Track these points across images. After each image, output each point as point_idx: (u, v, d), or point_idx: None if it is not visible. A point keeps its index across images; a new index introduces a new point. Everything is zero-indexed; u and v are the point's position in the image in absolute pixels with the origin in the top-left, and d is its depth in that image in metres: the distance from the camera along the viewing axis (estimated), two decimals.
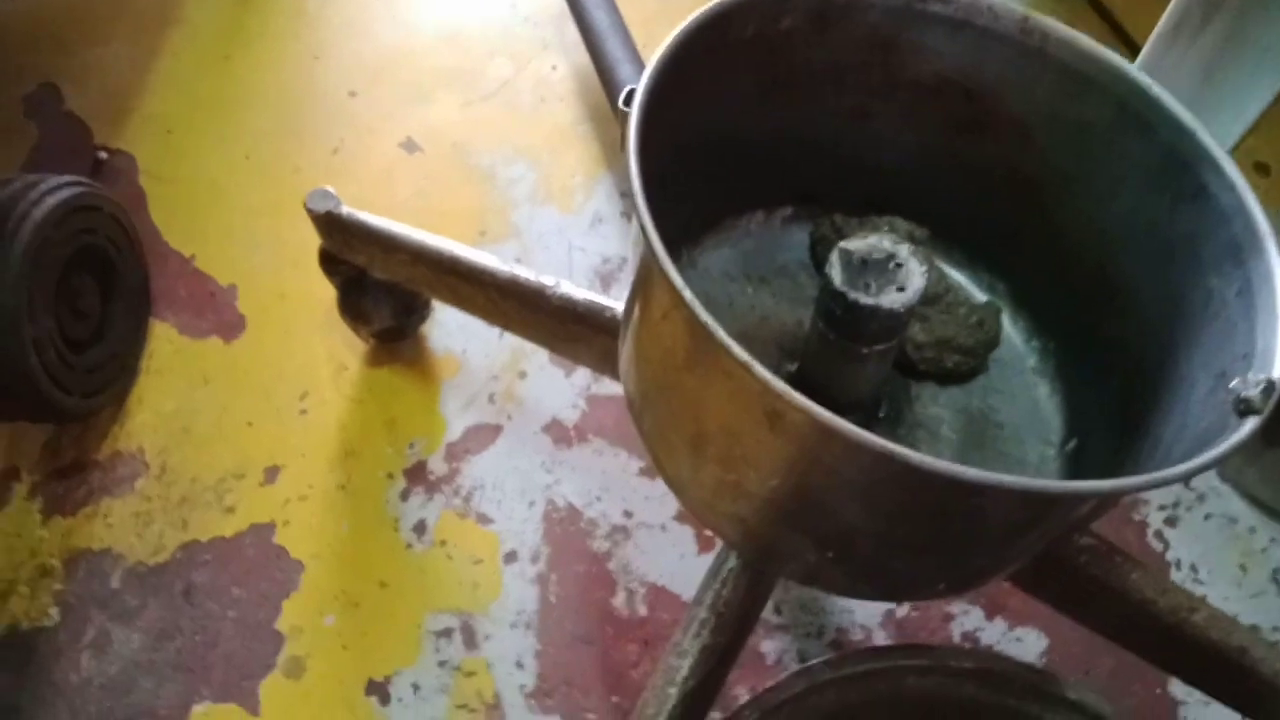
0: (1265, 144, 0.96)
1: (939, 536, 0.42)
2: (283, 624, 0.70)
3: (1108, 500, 0.41)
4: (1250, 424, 0.38)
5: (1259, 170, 0.95)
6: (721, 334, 0.37)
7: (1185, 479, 0.36)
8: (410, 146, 0.94)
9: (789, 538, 0.46)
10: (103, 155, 0.91)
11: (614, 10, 0.93)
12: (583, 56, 0.95)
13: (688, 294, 0.38)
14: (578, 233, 0.90)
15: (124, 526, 0.74)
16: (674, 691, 0.50)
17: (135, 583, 0.71)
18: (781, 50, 0.52)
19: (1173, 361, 0.47)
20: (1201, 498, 0.76)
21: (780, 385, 0.36)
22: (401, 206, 0.90)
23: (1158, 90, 0.47)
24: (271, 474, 0.76)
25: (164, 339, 0.82)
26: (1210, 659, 0.53)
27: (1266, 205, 0.92)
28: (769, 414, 0.39)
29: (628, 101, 0.44)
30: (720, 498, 0.47)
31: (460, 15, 1.04)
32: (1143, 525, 0.74)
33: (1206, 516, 0.75)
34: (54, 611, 0.70)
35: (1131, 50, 0.70)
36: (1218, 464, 0.37)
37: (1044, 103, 0.51)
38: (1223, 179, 0.45)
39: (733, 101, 0.54)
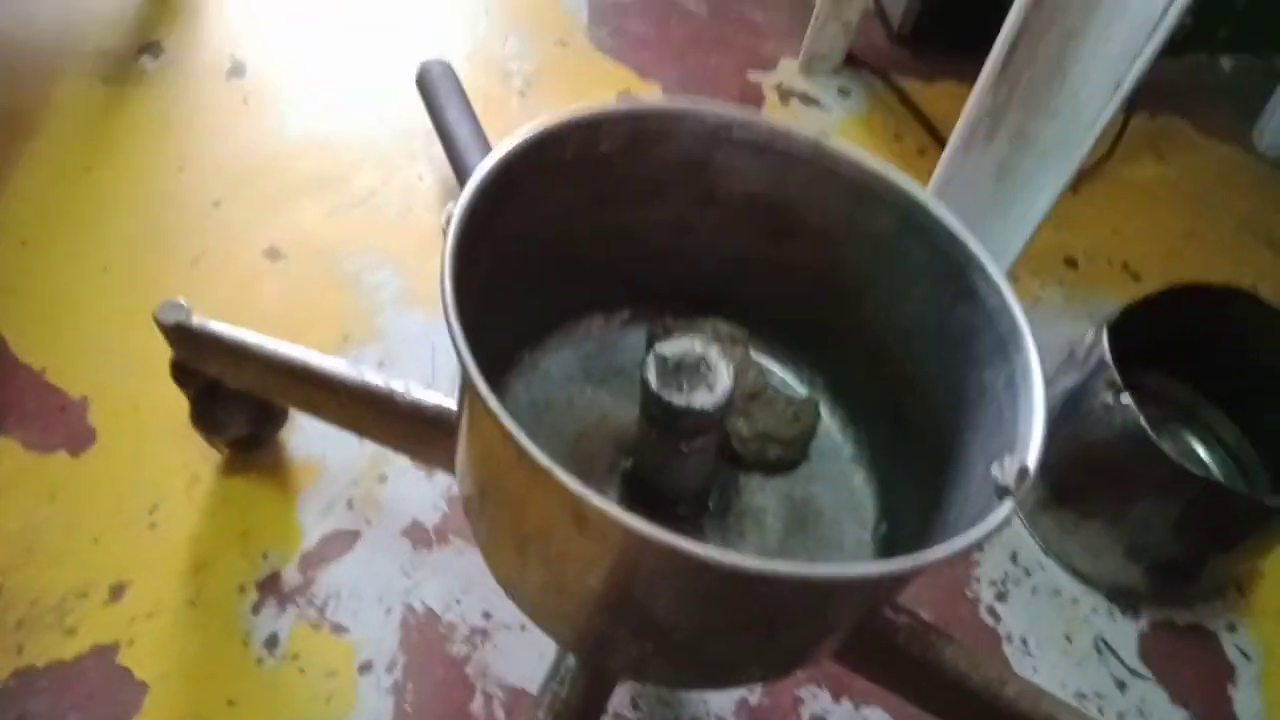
0: (1074, 238, 1.06)
1: (742, 622, 0.45)
2: None
3: (882, 583, 0.44)
4: (1006, 506, 0.42)
5: (1068, 264, 1.05)
6: (525, 441, 0.40)
7: (944, 561, 0.39)
8: (274, 254, 0.95)
9: (610, 631, 0.48)
10: None
11: (476, 125, 0.98)
12: (448, 167, 0.99)
13: (492, 401, 0.40)
14: (441, 335, 0.91)
15: None
16: None
17: None
18: (602, 169, 0.56)
19: (961, 448, 0.51)
20: (1028, 572, 0.81)
21: (579, 487, 0.39)
22: (263, 315, 0.90)
23: (933, 203, 0.53)
24: (117, 592, 0.74)
25: (7, 455, 0.80)
26: None
27: (1073, 296, 1.02)
28: (575, 516, 0.41)
29: (449, 222, 0.47)
30: (546, 597, 0.48)
31: (328, 125, 1.07)
32: (975, 602, 0.79)
33: (1034, 590, 0.80)
34: None
35: None
36: (977, 546, 0.40)
37: (840, 214, 0.57)
38: (989, 281, 0.50)
39: (562, 213, 0.58)
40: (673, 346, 0.50)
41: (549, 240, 0.58)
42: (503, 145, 0.50)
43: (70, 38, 1.11)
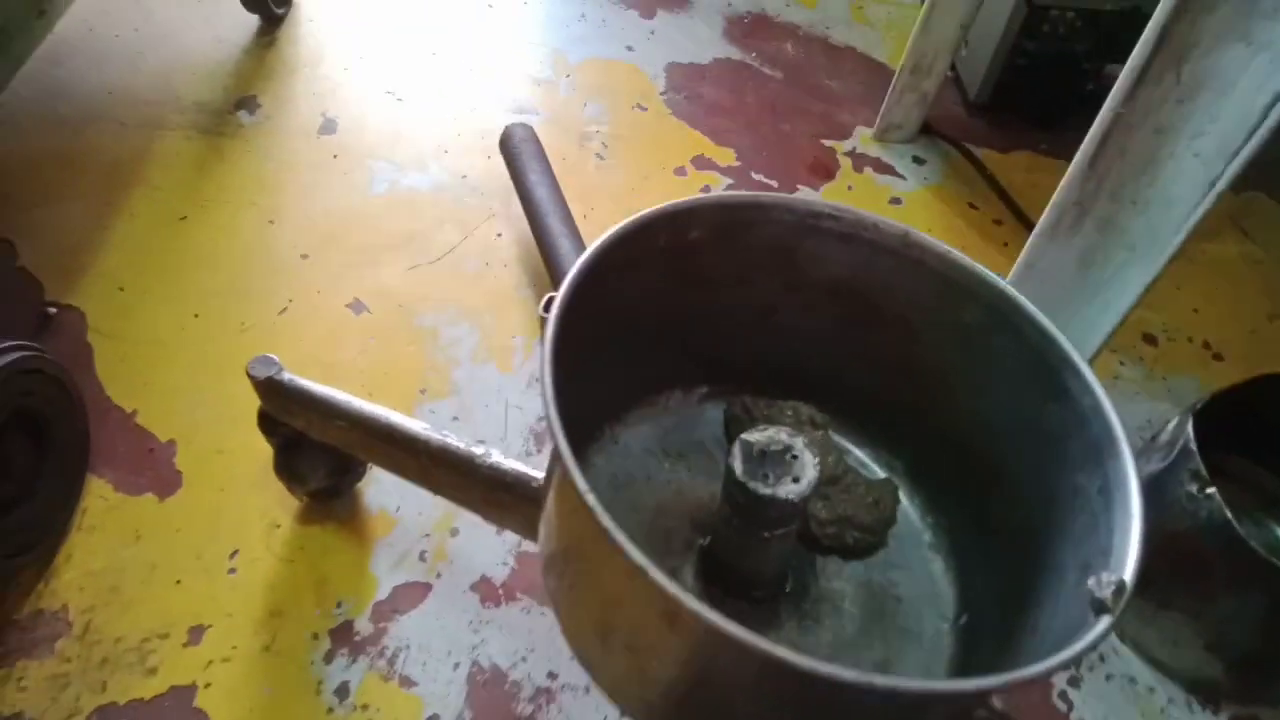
0: (1153, 315, 1.05)
1: None
2: None
3: (975, 696, 0.44)
4: (1104, 623, 0.41)
5: (1147, 340, 1.03)
6: (621, 537, 0.40)
7: (1043, 678, 0.39)
8: (357, 307, 0.98)
9: None
10: (51, 310, 0.94)
11: (554, 185, 1.00)
12: (526, 225, 1.01)
13: (591, 498, 0.41)
14: (515, 391, 0.93)
15: (39, 690, 0.72)
16: None
17: None
18: (691, 256, 0.57)
19: (1049, 548, 0.51)
20: (1103, 658, 0.79)
21: (674, 589, 0.39)
22: (346, 365, 0.93)
23: (1020, 298, 0.53)
24: (196, 634, 0.76)
25: (98, 495, 0.83)
26: None
27: (1153, 375, 1.00)
28: (666, 615, 0.41)
29: (547, 308, 0.49)
30: (628, 682, 0.49)
31: (412, 184, 1.10)
32: (1047, 686, 0.77)
33: (1108, 677, 0.78)
34: None
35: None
36: (1072, 663, 0.40)
37: (925, 304, 0.57)
38: (1082, 383, 0.50)
39: (650, 295, 0.59)
40: (759, 435, 0.50)
41: (635, 320, 0.60)
42: (600, 238, 0.52)
43: (173, 91, 1.16)
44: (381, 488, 0.85)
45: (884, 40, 1.37)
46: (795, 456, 0.50)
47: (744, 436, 0.50)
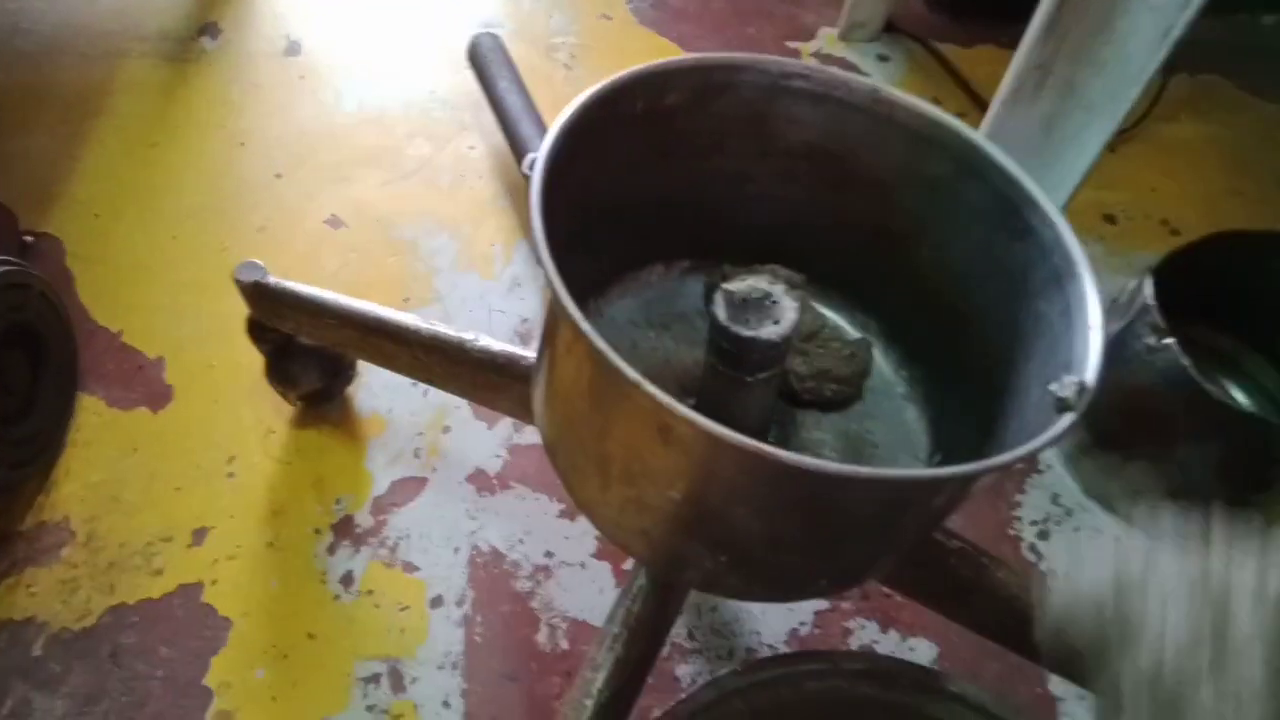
0: (1113, 196, 1.08)
1: (815, 530, 0.47)
2: (212, 680, 0.71)
3: (946, 486, 0.47)
4: (1067, 419, 0.44)
5: (1108, 220, 1.06)
6: (614, 357, 0.43)
7: (1009, 466, 0.42)
8: (335, 223, 0.99)
9: (688, 545, 0.51)
10: (29, 239, 0.94)
11: (525, 95, 1.01)
12: (499, 137, 1.02)
13: (585, 325, 0.43)
14: (497, 296, 0.95)
15: (49, 594, 0.74)
16: (589, 703, 0.54)
17: (59, 649, 0.72)
18: (668, 122, 0.58)
19: (1015, 377, 0.54)
20: (1070, 512, 0.83)
21: (666, 399, 0.42)
22: (328, 279, 0.94)
23: (988, 146, 0.55)
24: (199, 536, 0.78)
25: (91, 411, 0.84)
26: None
27: (1114, 252, 1.03)
28: (660, 428, 0.44)
29: (532, 167, 0.50)
30: (626, 514, 0.51)
31: (381, 100, 1.10)
32: (1017, 540, 0.81)
33: (1076, 530, 0.82)
34: None
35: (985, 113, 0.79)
36: (1038, 451, 0.43)
37: (897, 161, 0.59)
38: (1043, 218, 0.52)
39: (627, 167, 0.60)
40: (740, 284, 0.52)
41: (614, 192, 0.61)
42: (578, 98, 0.53)
43: (132, 20, 1.15)
44: (372, 391, 0.87)
45: None
46: (775, 302, 0.52)
47: (725, 285, 0.52)
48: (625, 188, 0.62)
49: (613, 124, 0.56)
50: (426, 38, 1.17)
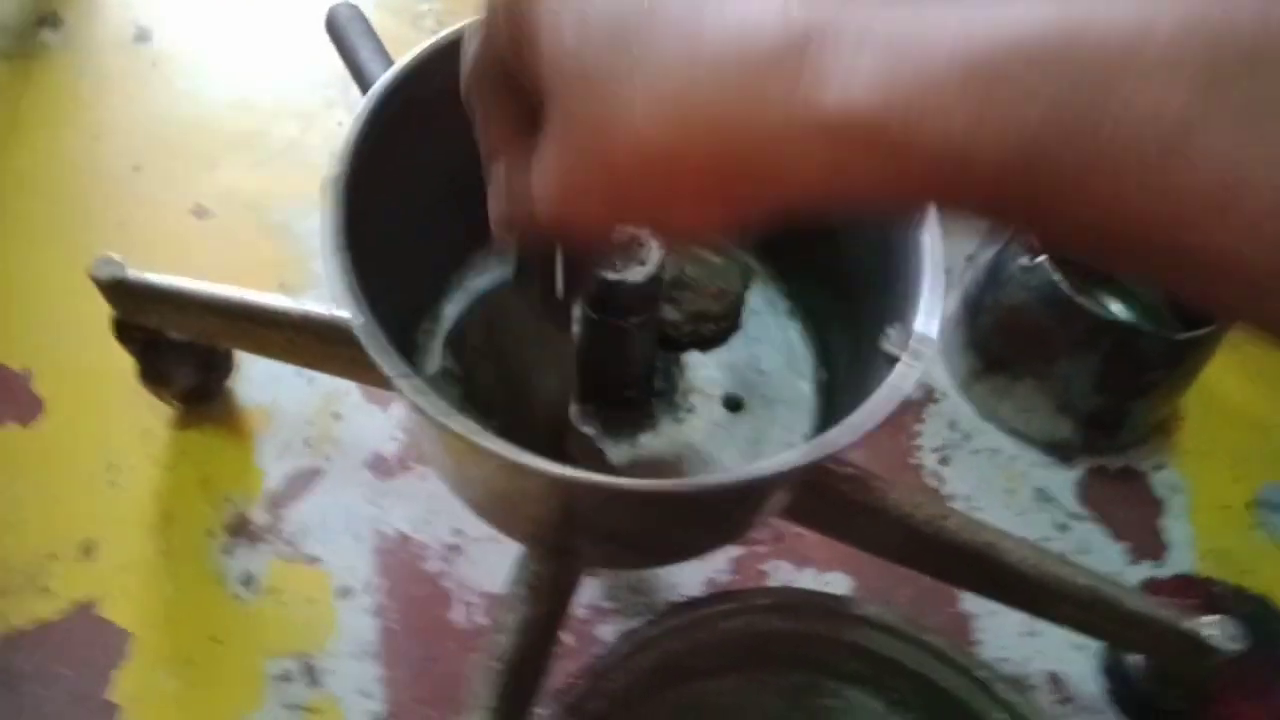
0: None
1: (682, 522, 0.48)
2: (115, 694, 0.68)
3: (789, 476, 0.46)
4: (900, 375, 0.43)
5: None
6: (441, 417, 0.41)
7: (848, 447, 0.42)
8: (201, 212, 0.95)
9: (576, 542, 0.51)
10: None
11: (389, 62, 0.97)
12: None
13: (404, 385, 0.42)
14: None
15: None
16: (499, 666, 0.54)
17: None
18: None
19: (876, 300, 0.54)
20: (968, 436, 0.85)
21: (511, 452, 0.40)
22: (197, 270, 0.88)
23: None
24: (88, 549, 0.75)
25: None
26: (965, 557, 0.60)
27: None
28: (510, 469, 0.42)
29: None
30: (509, 518, 0.52)
31: (241, 81, 1.06)
32: (919, 468, 0.83)
33: (974, 452, 0.84)
34: None
35: None
36: (881, 422, 0.42)
37: None
38: None
39: (456, 137, 0.57)
40: None
41: (451, 166, 0.58)
42: (372, 89, 0.51)
43: None
44: (254, 384, 0.84)
45: None
46: (641, 244, 0.51)
47: None
48: (460, 155, 0.58)
49: (424, 102, 0.53)
50: (284, 14, 1.13)
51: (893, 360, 0.44)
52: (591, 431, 0.58)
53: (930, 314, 0.46)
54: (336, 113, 1.04)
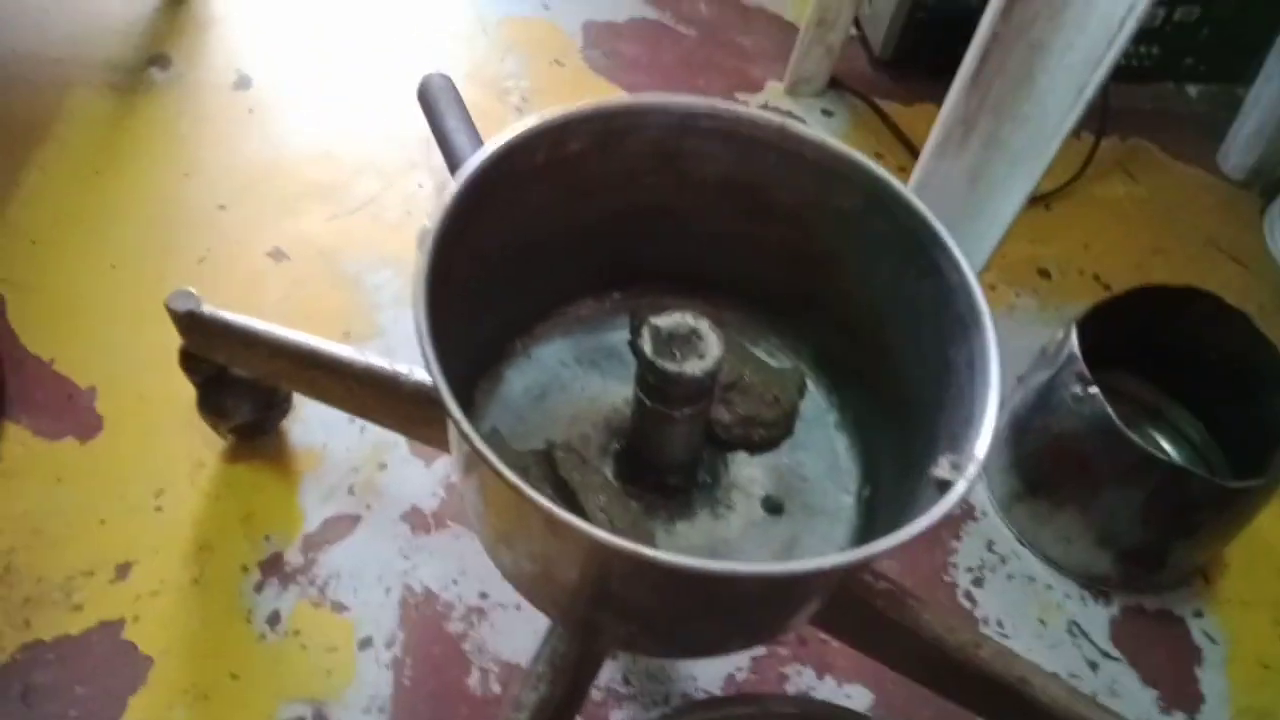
0: (1047, 251, 1.11)
1: (714, 608, 0.48)
2: None
3: (833, 574, 0.47)
4: (945, 501, 0.43)
5: (1042, 275, 1.09)
6: (494, 459, 0.42)
7: (893, 551, 0.41)
8: (277, 255, 0.98)
9: (601, 618, 0.51)
10: None
11: (474, 134, 1.02)
12: (447, 175, 1.02)
13: (464, 425, 0.43)
14: None
15: None
16: None
17: None
18: (574, 167, 0.58)
19: (929, 420, 0.54)
20: (1004, 560, 0.84)
21: (551, 508, 0.41)
22: (269, 310, 0.93)
23: (895, 183, 0.56)
24: (123, 570, 0.76)
25: (16, 441, 0.82)
26: (996, 689, 0.59)
27: (1046, 305, 1.06)
28: (549, 525, 0.43)
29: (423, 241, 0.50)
30: (537, 585, 0.52)
31: (330, 135, 1.11)
32: (952, 586, 0.82)
33: (1009, 577, 0.83)
34: None
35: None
36: (923, 535, 0.42)
37: (807, 195, 0.60)
38: (950, 259, 0.53)
39: (540, 210, 0.60)
40: (666, 319, 0.53)
41: (532, 237, 0.61)
42: (471, 160, 0.53)
43: (82, 49, 1.14)
44: (308, 426, 0.86)
45: (792, 1, 1.41)
46: (701, 337, 0.53)
47: (652, 320, 0.53)
48: (539, 228, 0.61)
49: (516, 177, 0.56)
50: (378, 76, 1.18)
51: (942, 485, 0.45)
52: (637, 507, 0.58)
53: (986, 440, 0.46)
54: (417, 174, 1.08)
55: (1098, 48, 0.63)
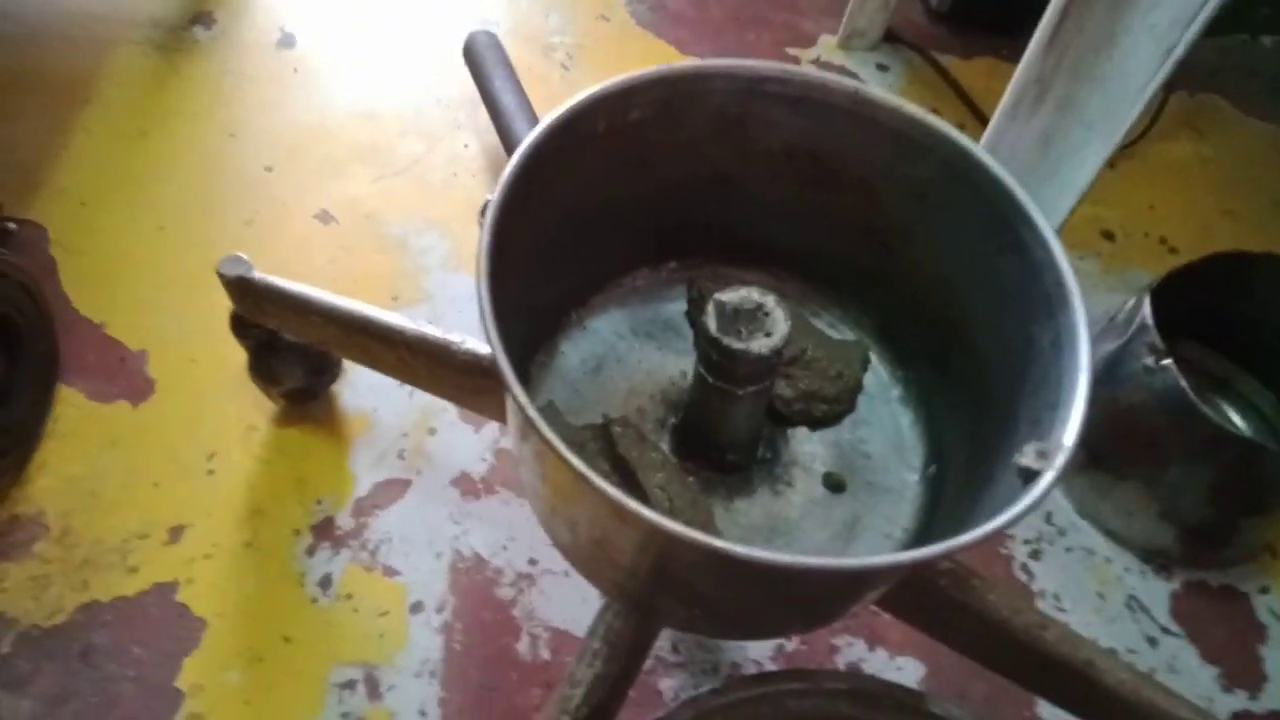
0: (1111, 212, 1.07)
1: (778, 598, 0.47)
2: (183, 682, 0.70)
3: (909, 568, 0.45)
4: (1030, 494, 0.41)
5: (1105, 237, 1.06)
6: (560, 446, 0.41)
7: (973, 546, 0.40)
8: (325, 218, 0.97)
9: (660, 600, 0.50)
10: (11, 226, 0.92)
11: (521, 93, 1.00)
12: (493, 136, 1.00)
13: (532, 412, 0.42)
14: None
15: (19, 590, 0.73)
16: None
17: (28, 647, 0.70)
18: (634, 136, 0.56)
19: (1006, 400, 0.53)
20: (1063, 532, 0.82)
21: (616, 494, 0.40)
22: (316, 274, 0.93)
23: (980, 153, 0.53)
24: (176, 533, 0.77)
25: (71, 404, 0.83)
26: (1061, 672, 0.58)
27: (1110, 269, 1.02)
28: (616, 513, 0.42)
29: (485, 213, 0.48)
30: (597, 565, 0.51)
31: (375, 96, 1.09)
32: (1009, 559, 0.80)
33: (1068, 549, 0.81)
34: None
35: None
36: (1007, 527, 0.40)
37: (881, 163, 0.57)
38: (1035, 235, 0.51)
39: (599, 180, 0.58)
40: (732, 294, 0.51)
41: (589, 207, 0.59)
42: (533, 132, 0.51)
43: (124, 6, 1.13)
44: (357, 391, 0.86)
45: None
46: (767, 313, 0.51)
47: (718, 296, 0.51)
48: (599, 197, 0.60)
49: (577, 146, 0.54)
50: (422, 34, 1.16)
51: (1028, 474, 0.43)
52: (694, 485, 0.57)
53: (1076, 427, 0.44)
54: (462, 135, 1.06)
55: (1189, 6, 0.60)
